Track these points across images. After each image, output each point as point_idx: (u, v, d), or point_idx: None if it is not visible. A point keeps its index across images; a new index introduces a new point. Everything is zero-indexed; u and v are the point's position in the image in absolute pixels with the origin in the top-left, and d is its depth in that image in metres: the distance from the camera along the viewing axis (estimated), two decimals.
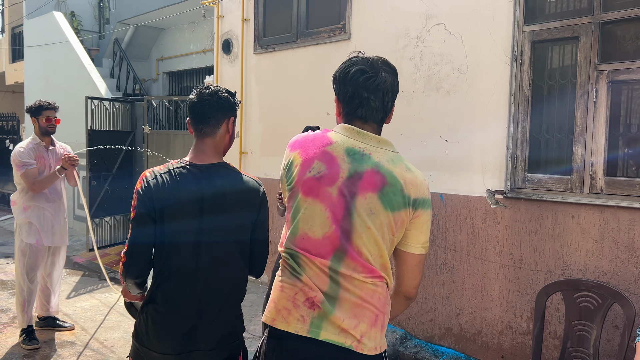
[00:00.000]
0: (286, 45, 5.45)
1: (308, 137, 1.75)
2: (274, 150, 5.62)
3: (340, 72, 1.75)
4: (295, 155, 1.72)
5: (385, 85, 1.72)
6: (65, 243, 4.60)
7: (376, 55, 1.77)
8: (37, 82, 10.35)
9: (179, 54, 10.14)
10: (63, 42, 9.38)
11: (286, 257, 1.70)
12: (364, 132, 1.72)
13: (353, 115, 1.74)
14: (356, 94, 1.71)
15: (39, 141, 4.38)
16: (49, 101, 4.43)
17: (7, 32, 12.84)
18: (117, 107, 7.69)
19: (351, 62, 1.75)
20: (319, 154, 1.68)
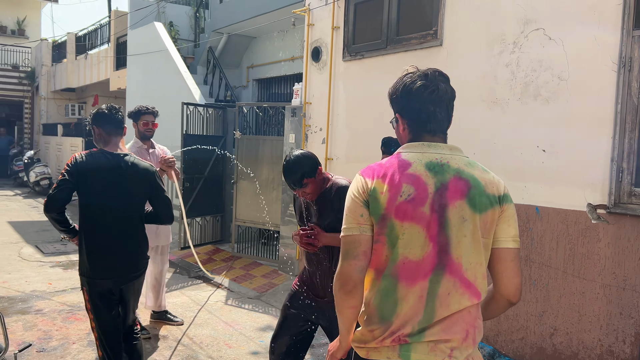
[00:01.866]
0: (375, 52, 5.45)
1: (383, 164, 1.74)
2: (360, 157, 5.62)
3: (401, 89, 1.77)
4: (377, 183, 1.69)
5: (447, 95, 1.75)
6: (169, 241, 4.84)
7: (428, 68, 1.79)
8: (138, 88, 11.04)
9: (268, 62, 10.43)
10: (162, 50, 9.94)
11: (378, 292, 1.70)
12: (434, 143, 1.74)
13: (422, 130, 1.76)
14: (423, 109, 1.73)
15: (140, 144, 4.61)
16: (147, 106, 4.62)
17: (112, 42, 13.80)
18: (210, 113, 8.02)
19: (410, 78, 1.76)
20: (404, 177, 1.67)
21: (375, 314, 1.70)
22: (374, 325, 1.69)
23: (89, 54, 15.82)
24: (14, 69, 19.82)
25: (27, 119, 20.23)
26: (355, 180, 1.75)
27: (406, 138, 1.79)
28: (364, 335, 1.73)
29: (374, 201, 1.67)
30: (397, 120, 1.82)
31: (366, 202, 1.69)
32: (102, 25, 15.06)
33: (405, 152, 1.74)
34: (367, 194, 1.69)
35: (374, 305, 1.70)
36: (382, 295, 1.69)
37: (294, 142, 6.52)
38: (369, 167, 1.76)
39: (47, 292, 5.89)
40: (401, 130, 1.81)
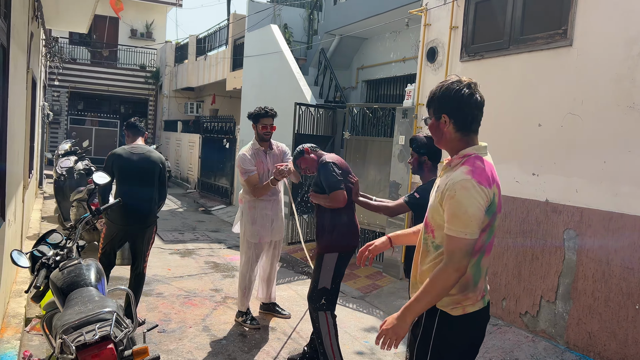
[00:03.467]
0: (496, 53, 5.23)
1: (485, 169, 2.07)
2: None
3: (454, 93, 2.12)
4: (494, 189, 2.05)
5: (483, 102, 2.17)
6: (282, 236, 4.97)
7: (464, 77, 2.18)
8: (253, 89, 11.50)
9: (378, 63, 10.41)
10: (277, 52, 10.28)
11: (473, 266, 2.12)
12: (484, 144, 2.20)
13: (469, 130, 2.16)
14: (470, 113, 2.13)
15: (258, 146, 4.71)
16: (267, 108, 4.68)
17: (229, 44, 14.52)
18: (321, 113, 8.17)
19: (458, 85, 2.13)
20: (497, 177, 2.13)
21: (470, 282, 2.13)
22: (469, 291, 2.14)
23: (208, 55, 16.76)
24: (142, 69, 21.52)
25: (151, 116, 21.88)
26: (475, 189, 2.00)
27: (450, 136, 2.16)
28: (460, 299, 2.14)
29: (492, 204, 2.05)
30: (441, 120, 2.16)
31: (487, 209, 2.03)
32: (221, 28, 15.89)
33: (482, 154, 2.14)
34: (489, 200, 2.03)
35: (471, 276, 2.12)
36: (475, 268, 2.13)
37: (403, 143, 6.45)
38: (481, 174, 2.04)
39: (167, 277, 6.32)
40: (445, 129, 2.16)
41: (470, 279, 2.12)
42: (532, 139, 4.81)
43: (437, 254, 2.16)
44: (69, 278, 2.96)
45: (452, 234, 2.02)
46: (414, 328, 2.25)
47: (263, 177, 4.70)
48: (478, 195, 1.99)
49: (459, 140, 2.16)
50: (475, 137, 2.18)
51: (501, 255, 5.08)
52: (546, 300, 4.61)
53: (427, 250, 2.22)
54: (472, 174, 2.02)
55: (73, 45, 20.97)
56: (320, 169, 3.90)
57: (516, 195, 4.95)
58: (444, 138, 2.19)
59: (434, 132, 2.22)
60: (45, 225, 8.65)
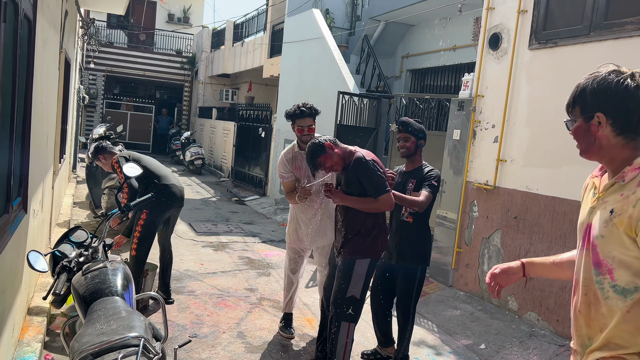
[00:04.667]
0: (573, 40, 4.64)
1: None
2: (543, 160, 4.87)
3: (614, 85, 1.61)
4: None
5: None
6: (325, 243, 4.30)
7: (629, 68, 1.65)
8: (291, 76, 11.06)
9: (425, 51, 9.84)
10: (318, 38, 9.79)
11: None
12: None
13: (634, 132, 1.62)
14: (634, 110, 1.60)
15: (298, 150, 4.15)
16: (304, 107, 3.99)
17: (268, 30, 14.09)
18: (365, 103, 7.68)
19: (616, 75, 1.62)
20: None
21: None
22: None
23: (245, 41, 16.38)
24: (178, 54, 21.31)
25: (186, 102, 21.70)
26: None
27: (606, 140, 1.64)
28: None
29: None
30: (593, 120, 1.65)
31: None
32: (259, 13, 15.46)
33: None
34: None
35: None
36: None
37: (458, 138, 5.91)
38: None
39: (199, 272, 5.96)
40: (598, 132, 1.65)
41: None
42: None
43: (626, 301, 1.57)
44: (93, 285, 2.57)
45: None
46: None
47: (304, 182, 4.21)
48: None
49: (621, 147, 1.63)
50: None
51: None
52: None
53: (604, 298, 1.62)
54: None
55: (110, 28, 20.89)
56: (360, 167, 3.35)
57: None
58: (596, 144, 1.67)
59: (582, 137, 1.70)
60: (77, 211, 8.42)
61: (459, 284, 5.79)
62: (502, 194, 5.30)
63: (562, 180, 4.66)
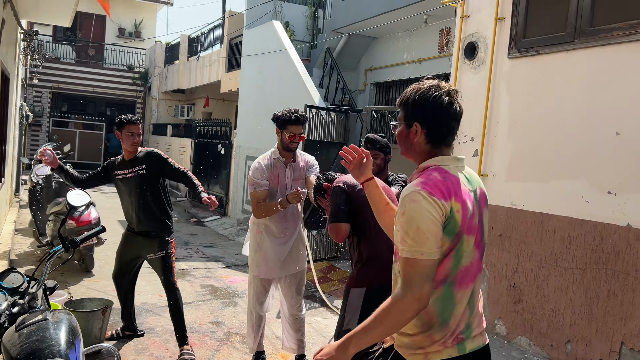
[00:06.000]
0: (556, 47, 4.42)
1: (442, 181, 1.77)
2: (528, 174, 4.61)
3: (430, 100, 1.81)
4: (453, 203, 1.74)
5: (461, 113, 1.87)
6: (299, 269, 3.91)
7: (444, 82, 1.86)
8: (252, 90, 10.62)
9: (389, 64, 9.60)
10: (280, 51, 9.41)
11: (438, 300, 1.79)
12: (459, 157, 1.88)
13: (442, 142, 1.86)
14: (445, 124, 1.83)
15: (278, 156, 3.77)
16: (298, 114, 3.70)
17: (225, 43, 13.63)
18: (332, 117, 7.32)
19: (436, 91, 1.81)
20: (464, 194, 1.78)
21: (436, 320, 1.80)
22: (435, 330, 1.79)
23: (200, 55, 15.86)
24: (129, 69, 20.52)
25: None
26: (425, 201, 1.72)
27: (419, 146, 1.86)
28: (421, 341, 1.81)
29: (452, 222, 1.74)
30: (411, 128, 1.86)
31: (445, 227, 1.73)
32: (215, 27, 15.00)
33: (447, 166, 1.83)
34: (446, 215, 1.73)
35: (435, 312, 1.79)
36: (442, 302, 1.79)
37: None
38: (434, 185, 1.75)
39: (158, 305, 5.39)
40: (415, 139, 1.86)
41: (435, 316, 1.79)
42: (607, 150, 3.99)
43: None
44: (28, 344, 2.06)
45: (407, 255, 1.71)
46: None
47: (277, 194, 3.77)
48: (430, 207, 1.70)
49: (427, 153, 1.87)
50: (445, 150, 1.88)
51: (565, 289, 4.24)
52: (629, 348, 3.77)
53: (395, 281, 1.86)
54: (422, 185, 1.75)
55: (57, 43, 19.94)
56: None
57: (585, 217, 4.12)
58: (412, 149, 1.90)
59: (402, 140, 1.92)
60: (19, 239, 7.67)
61: None
62: None
63: (550, 195, 4.40)
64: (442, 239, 1.73)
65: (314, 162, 3.93)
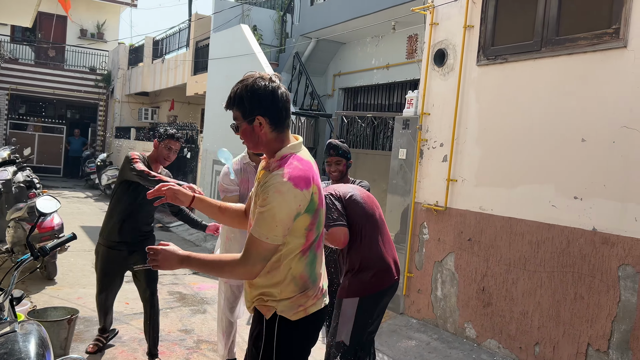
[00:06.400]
0: (524, 55, 4.53)
1: (302, 169, 1.98)
2: (497, 179, 4.69)
3: (263, 90, 1.97)
4: (313, 188, 1.99)
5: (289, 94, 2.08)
6: None
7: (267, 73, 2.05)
8: (219, 94, 10.51)
9: (357, 70, 9.66)
10: (249, 54, 9.35)
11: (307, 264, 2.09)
12: (300, 139, 2.13)
13: (284, 125, 2.06)
14: (282, 108, 2.02)
15: (249, 161, 3.76)
16: None
17: (191, 46, 13.45)
18: (302, 122, 7.31)
19: (265, 81, 2.00)
20: (317, 175, 2.07)
21: (309, 281, 2.10)
22: (309, 289, 2.10)
23: (165, 58, 15.61)
24: (91, 71, 20.02)
25: (101, 122, 20.37)
26: (290, 193, 1.91)
27: (266, 136, 2.02)
28: (300, 299, 2.08)
29: (312, 203, 1.99)
30: (255, 122, 2.00)
31: (307, 209, 1.97)
32: (181, 29, 14.79)
33: (299, 152, 2.06)
34: (308, 201, 1.97)
35: (307, 275, 2.09)
36: (310, 266, 2.09)
37: (404, 157, 5.66)
38: (299, 176, 1.94)
39: (125, 313, 5.26)
40: (261, 131, 2.00)
41: (308, 279, 2.11)
42: (573, 157, 4.11)
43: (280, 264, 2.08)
44: None
45: (255, 235, 1.95)
46: (256, 340, 2.15)
47: (247, 200, 3.75)
48: (293, 199, 1.93)
49: (275, 140, 2.04)
50: (287, 132, 2.08)
51: (533, 292, 4.33)
52: (595, 349, 3.88)
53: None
54: (288, 176, 1.93)
55: (15, 43, 19.29)
56: None
57: (552, 222, 4.22)
58: (261, 142, 2.05)
59: (249, 137, 2.05)
60: None
61: (410, 311, 5.49)
62: (454, 215, 5.08)
63: (518, 199, 4.49)
64: (304, 218, 1.99)
65: None
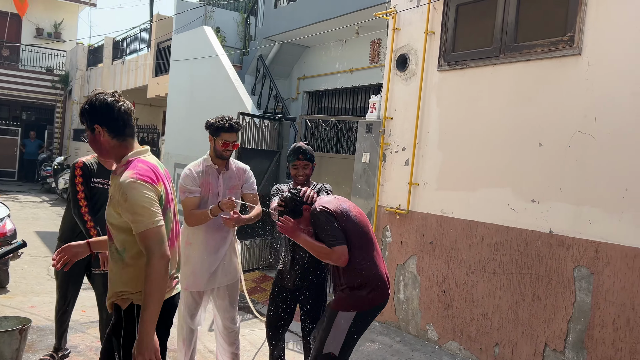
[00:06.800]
0: (484, 61, 4.61)
1: (147, 169, 2.25)
2: (457, 183, 4.76)
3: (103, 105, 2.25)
4: (160, 185, 2.28)
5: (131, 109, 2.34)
6: (233, 279, 3.81)
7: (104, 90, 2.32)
8: (181, 96, 10.35)
9: (321, 73, 9.66)
10: (212, 56, 9.24)
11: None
12: (146, 147, 2.40)
13: (124, 134, 2.30)
14: (118, 118, 2.26)
15: (211, 164, 3.68)
16: (232, 121, 3.63)
17: (152, 47, 13.22)
18: (266, 125, 7.26)
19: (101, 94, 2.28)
20: (162, 176, 2.35)
21: (173, 267, 2.42)
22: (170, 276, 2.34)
23: (126, 59, 15.30)
24: (48, 72, 19.44)
25: (59, 124, 19.78)
26: (143, 186, 2.18)
27: (108, 144, 2.28)
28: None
29: (161, 199, 2.26)
30: (95, 131, 2.26)
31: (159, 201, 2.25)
32: (142, 30, 14.53)
33: (144, 156, 2.33)
34: (158, 195, 2.24)
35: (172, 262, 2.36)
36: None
37: (368, 161, 5.69)
38: (144, 174, 2.22)
39: (81, 322, 5.09)
40: (101, 138, 2.27)
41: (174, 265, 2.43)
42: (531, 161, 4.20)
43: (125, 257, 2.28)
44: None
45: (143, 229, 2.15)
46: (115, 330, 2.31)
47: (209, 202, 3.66)
48: (147, 190, 2.18)
49: (118, 147, 2.29)
50: (132, 141, 2.34)
51: (492, 294, 4.40)
52: (552, 349, 3.97)
53: (114, 259, 2.32)
54: (136, 175, 2.19)
55: None
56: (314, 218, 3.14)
57: (511, 224, 4.31)
58: (104, 149, 2.30)
59: (95, 146, 2.31)
60: None
61: None
62: (416, 219, 5.13)
63: (478, 203, 4.57)
64: None
65: (249, 172, 3.86)
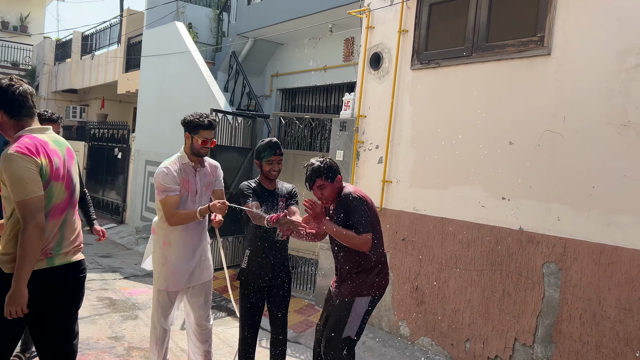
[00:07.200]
0: (456, 61, 4.66)
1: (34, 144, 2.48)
2: (429, 180, 4.81)
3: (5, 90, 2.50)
4: (42, 158, 2.47)
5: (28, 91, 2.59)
6: (209, 277, 3.79)
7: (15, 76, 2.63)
8: (152, 92, 10.20)
9: (295, 71, 9.64)
10: (184, 52, 9.13)
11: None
12: (45, 127, 2.65)
13: (20, 115, 2.54)
14: (13, 101, 2.51)
15: (187, 161, 3.62)
16: (210, 119, 3.61)
17: (123, 43, 12.98)
18: (239, 122, 7.20)
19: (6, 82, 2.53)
20: (51, 152, 2.55)
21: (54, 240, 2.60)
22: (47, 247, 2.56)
23: (95, 54, 14.98)
24: (14, 66, 18.91)
25: None
26: (20, 159, 2.39)
27: (7, 123, 2.53)
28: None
29: (42, 171, 2.46)
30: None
31: (40, 173, 2.45)
32: (112, 25, 14.24)
33: (35, 133, 2.54)
34: (39, 167, 2.45)
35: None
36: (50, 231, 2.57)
37: (342, 159, 5.70)
38: (24, 147, 2.42)
39: None
40: (2, 120, 2.51)
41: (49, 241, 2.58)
42: (501, 159, 4.27)
43: (11, 222, 2.49)
44: None
45: (18, 199, 2.37)
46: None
47: (188, 200, 3.60)
48: (24, 162, 2.39)
49: (15, 126, 2.53)
50: (30, 121, 2.56)
51: (464, 290, 4.46)
52: (522, 344, 4.04)
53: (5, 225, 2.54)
54: (16, 148, 2.39)
55: None
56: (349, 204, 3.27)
57: (482, 221, 4.37)
58: (4, 128, 2.55)
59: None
60: None
61: None
62: (389, 216, 5.16)
63: (449, 200, 4.62)
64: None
65: (220, 169, 3.87)
